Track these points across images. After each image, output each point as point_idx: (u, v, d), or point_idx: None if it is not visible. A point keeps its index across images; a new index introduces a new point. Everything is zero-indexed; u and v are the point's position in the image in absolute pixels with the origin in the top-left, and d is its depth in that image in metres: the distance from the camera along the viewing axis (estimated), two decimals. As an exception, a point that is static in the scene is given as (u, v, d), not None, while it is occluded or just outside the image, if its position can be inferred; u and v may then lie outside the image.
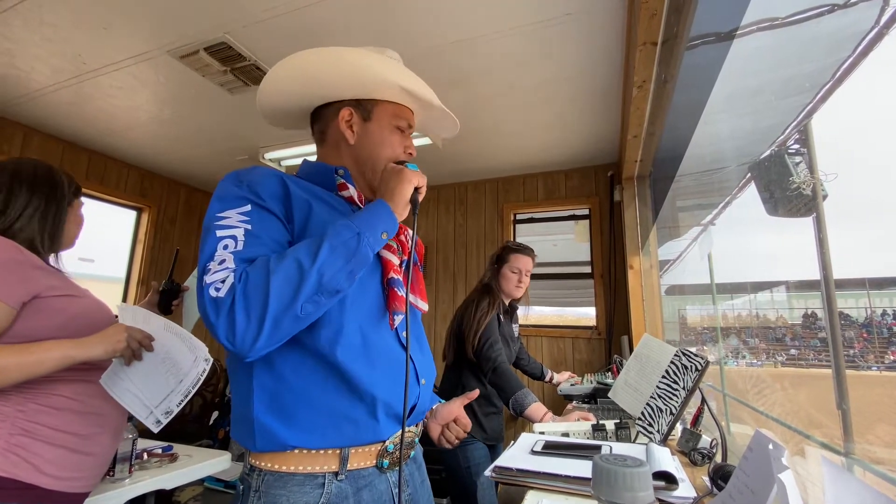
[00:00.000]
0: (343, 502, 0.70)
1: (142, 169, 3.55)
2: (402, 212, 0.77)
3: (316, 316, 0.67)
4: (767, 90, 1.50)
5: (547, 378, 2.32)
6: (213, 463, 1.57)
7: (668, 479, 0.79)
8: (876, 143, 1.00)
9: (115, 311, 1.15)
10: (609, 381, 2.06)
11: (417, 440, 0.86)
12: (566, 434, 1.26)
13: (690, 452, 1.06)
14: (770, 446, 0.60)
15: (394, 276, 0.79)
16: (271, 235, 0.70)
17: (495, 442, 1.82)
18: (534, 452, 0.99)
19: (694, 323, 3.22)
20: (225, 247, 0.66)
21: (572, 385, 2.19)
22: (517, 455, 0.98)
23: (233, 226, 0.68)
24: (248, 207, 0.70)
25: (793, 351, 2.43)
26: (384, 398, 0.74)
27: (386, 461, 0.75)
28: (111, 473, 1.28)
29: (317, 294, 0.64)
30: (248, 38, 1.90)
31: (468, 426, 0.92)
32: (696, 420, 1.19)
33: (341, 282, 0.67)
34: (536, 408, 1.52)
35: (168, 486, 1.40)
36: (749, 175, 1.54)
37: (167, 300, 1.31)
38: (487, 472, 0.91)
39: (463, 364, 1.77)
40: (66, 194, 1.14)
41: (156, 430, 1.05)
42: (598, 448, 1.01)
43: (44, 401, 0.99)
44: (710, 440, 1.09)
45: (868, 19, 0.98)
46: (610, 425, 1.26)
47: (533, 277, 1.95)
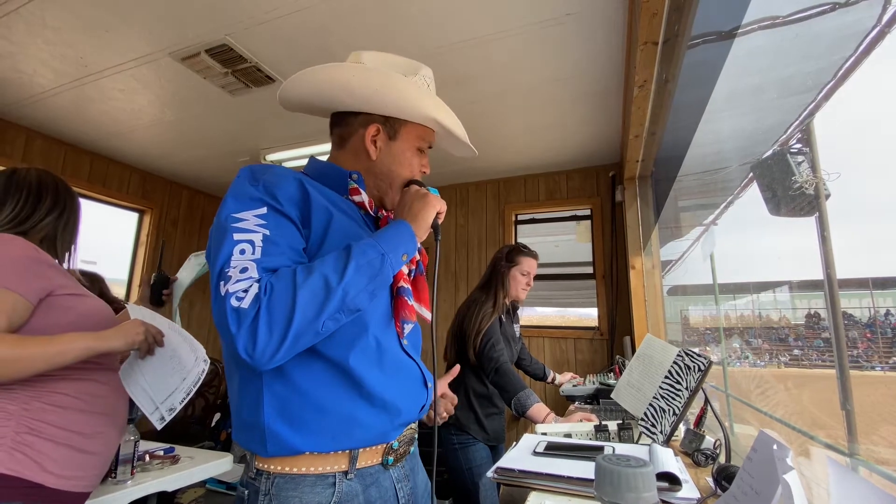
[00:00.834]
0: (353, 500, 0.71)
1: (144, 171, 3.56)
2: (423, 235, 0.78)
3: (331, 332, 0.66)
4: (769, 89, 1.50)
5: (549, 379, 2.32)
6: (215, 465, 1.57)
7: (672, 480, 0.79)
8: (879, 142, 1.00)
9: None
10: (611, 382, 2.05)
11: (416, 435, 0.88)
12: (568, 435, 1.26)
13: (694, 453, 1.06)
14: (774, 447, 0.59)
15: (403, 286, 0.79)
16: (289, 242, 0.68)
17: (496, 443, 1.81)
18: (536, 453, 0.99)
19: (696, 323, 3.22)
20: (242, 251, 0.64)
21: (574, 386, 2.19)
22: (519, 456, 0.97)
23: (250, 230, 0.66)
24: (265, 210, 0.68)
25: (796, 351, 2.42)
26: (395, 403, 0.75)
27: (391, 458, 0.77)
28: (113, 475, 1.28)
29: (339, 312, 0.64)
30: (250, 40, 1.91)
31: (454, 400, 0.97)
32: (700, 421, 1.18)
33: (363, 301, 0.67)
34: (539, 408, 1.51)
35: (170, 488, 1.40)
36: (751, 175, 1.53)
37: (158, 290, 1.35)
38: (489, 474, 0.90)
39: (465, 365, 1.77)
40: (78, 206, 1.22)
41: (159, 427, 1.06)
42: (601, 449, 1.01)
43: (49, 399, 1.00)
44: (714, 441, 1.08)
45: (869, 18, 0.98)
46: (612, 426, 1.25)
47: (535, 278, 1.95)
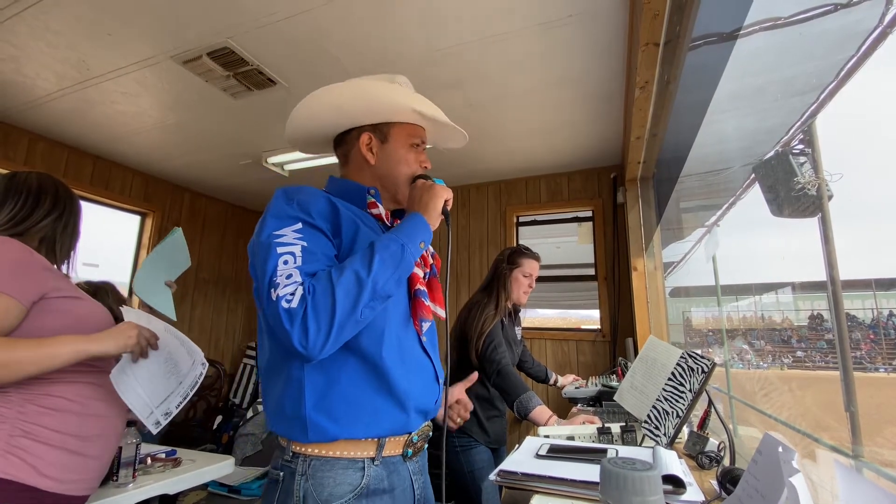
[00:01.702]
0: (380, 483, 0.80)
1: (146, 174, 3.57)
2: (436, 222, 0.88)
3: (370, 319, 0.77)
4: (771, 90, 1.50)
5: (551, 381, 2.31)
6: (217, 467, 1.56)
7: (676, 483, 0.78)
8: (881, 143, 0.99)
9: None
10: (614, 384, 2.04)
11: (430, 434, 0.96)
12: (571, 437, 1.25)
13: (698, 456, 1.05)
14: (780, 449, 0.59)
15: (420, 288, 0.89)
16: (323, 251, 0.78)
17: (498, 445, 1.80)
18: (539, 456, 0.98)
19: (699, 325, 3.20)
20: (286, 262, 0.73)
21: (577, 388, 2.18)
22: (522, 459, 0.97)
23: (290, 243, 0.76)
24: (300, 225, 0.78)
25: (799, 353, 2.40)
26: (415, 395, 0.85)
27: (410, 451, 0.86)
28: (115, 478, 1.28)
29: (372, 300, 0.74)
30: (251, 43, 1.91)
31: (469, 406, 1.03)
32: (703, 423, 1.18)
33: (392, 287, 0.77)
34: (541, 411, 1.50)
35: (172, 491, 1.40)
36: (753, 176, 1.53)
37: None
38: (492, 477, 0.90)
39: (467, 367, 1.76)
40: (79, 210, 1.22)
41: (154, 432, 1.06)
42: (604, 451, 1.00)
43: (44, 402, 0.99)
44: (718, 443, 1.07)
45: (872, 18, 0.97)
46: (615, 428, 1.24)
47: (536, 280, 1.95)
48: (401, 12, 1.71)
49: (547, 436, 1.26)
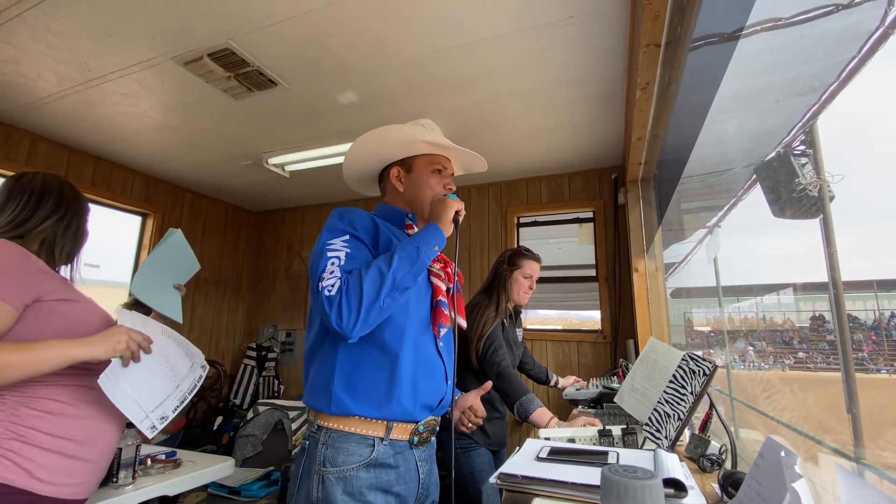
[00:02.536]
0: (386, 459, 0.95)
1: (147, 175, 3.57)
2: (448, 229, 1.04)
3: (392, 308, 0.93)
4: (772, 91, 1.49)
5: (552, 382, 2.30)
6: (217, 469, 1.56)
7: (678, 487, 0.78)
8: (883, 143, 0.99)
9: (115, 316, 1.15)
10: (615, 386, 2.04)
11: (437, 429, 1.08)
12: (572, 440, 1.25)
13: (699, 459, 1.05)
14: (782, 453, 0.58)
15: (441, 299, 1.06)
16: (363, 256, 0.98)
17: (498, 447, 1.80)
18: (539, 459, 0.98)
19: (700, 326, 3.20)
20: (332, 263, 0.93)
21: (578, 390, 2.17)
22: (523, 462, 0.96)
23: (338, 249, 0.96)
24: (347, 237, 0.99)
25: (801, 354, 2.39)
26: (422, 390, 1.00)
27: (416, 438, 1.00)
28: (115, 479, 1.28)
29: (393, 290, 0.91)
30: (252, 45, 1.91)
31: (481, 413, 1.13)
32: (705, 425, 1.17)
33: (409, 281, 0.94)
34: (541, 413, 1.50)
35: (172, 493, 1.39)
36: (754, 176, 1.52)
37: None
38: (492, 480, 0.89)
39: (467, 369, 1.76)
40: (85, 211, 1.21)
41: (150, 436, 1.05)
42: (605, 454, 1.00)
43: (38, 405, 0.99)
44: (720, 446, 1.07)
45: (873, 19, 0.97)
46: (616, 431, 1.24)
47: (537, 281, 1.94)
48: (402, 14, 1.70)
49: (548, 438, 1.25)
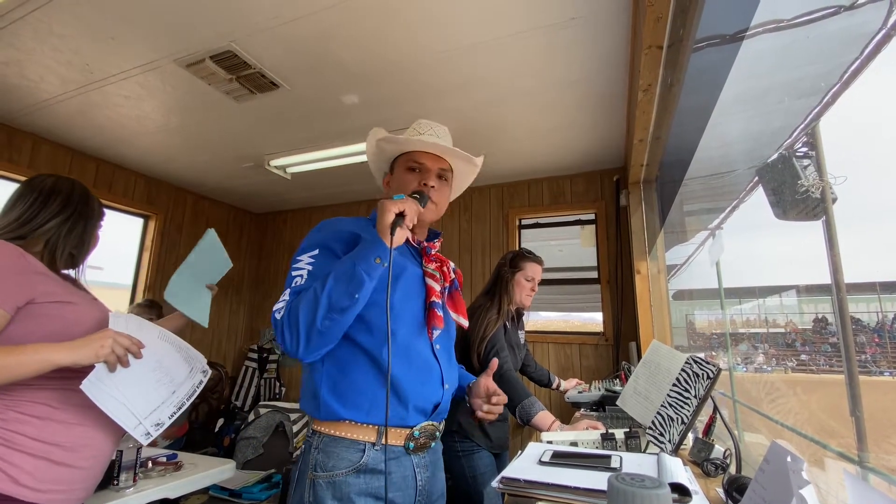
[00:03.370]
0: (378, 465, 0.92)
1: (149, 176, 3.58)
2: (386, 235, 0.89)
3: (337, 329, 0.89)
4: (775, 92, 1.49)
5: (554, 385, 2.30)
6: (218, 471, 1.56)
7: (682, 492, 0.77)
8: (885, 145, 0.98)
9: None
10: (617, 389, 2.03)
11: (438, 434, 1.03)
12: (574, 443, 1.24)
13: (703, 463, 1.04)
14: (788, 459, 0.58)
15: (435, 300, 1.01)
16: (328, 270, 0.91)
17: (500, 450, 1.79)
18: (542, 463, 0.97)
19: (702, 328, 3.18)
20: (294, 283, 0.92)
21: (580, 392, 2.16)
22: (525, 466, 0.96)
23: (300, 268, 0.95)
24: (317, 251, 0.96)
25: (803, 356, 2.39)
26: (414, 393, 0.95)
27: (412, 444, 0.96)
28: (116, 482, 1.27)
29: (330, 313, 0.86)
30: (254, 46, 1.91)
31: (504, 399, 1.07)
32: (709, 429, 1.17)
33: (345, 301, 0.87)
34: (544, 416, 1.49)
35: (173, 495, 1.39)
36: (757, 178, 1.52)
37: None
38: (494, 484, 0.89)
39: (468, 370, 1.75)
40: (95, 216, 1.18)
41: (145, 443, 1.03)
42: (609, 458, 0.99)
43: (25, 409, 0.96)
44: (724, 450, 1.06)
45: (875, 21, 0.97)
46: (619, 434, 1.23)
47: (539, 283, 1.94)
48: (404, 16, 1.71)
49: (550, 441, 1.25)
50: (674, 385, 1.21)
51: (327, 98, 2.32)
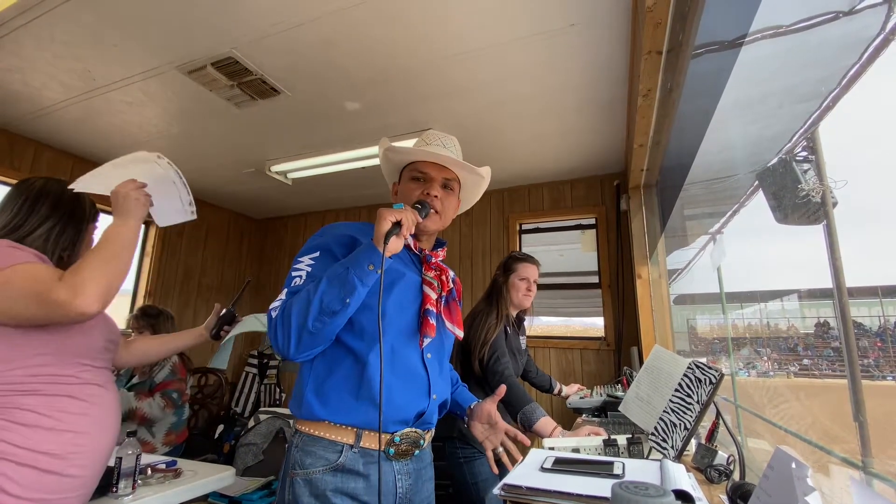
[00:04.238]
0: (354, 466, 0.92)
1: (150, 182, 3.58)
2: (380, 244, 0.89)
3: (327, 331, 0.89)
4: (774, 97, 1.49)
5: (556, 391, 2.28)
6: (218, 478, 1.55)
7: (685, 499, 0.76)
8: (885, 149, 0.99)
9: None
10: (619, 394, 2.02)
11: (425, 443, 1.02)
12: (577, 450, 1.23)
13: (706, 469, 1.03)
14: (792, 465, 0.57)
15: (429, 308, 1.01)
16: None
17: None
18: (544, 469, 0.97)
19: (704, 333, 3.17)
20: (294, 283, 0.94)
21: (581, 398, 2.15)
22: (527, 472, 0.95)
23: (300, 269, 0.96)
24: (318, 253, 0.98)
25: (805, 361, 2.37)
26: (397, 400, 0.95)
27: (392, 450, 0.95)
28: (114, 489, 1.26)
29: (321, 315, 0.87)
30: (255, 53, 1.92)
31: (503, 429, 1.10)
32: (711, 435, 1.16)
33: (336, 305, 0.88)
34: (545, 422, 1.48)
35: (172, 503, 1.38)
36: (757, 183, 1.52)
37: (221, 324, 1.43)
38: (496, 491, 0.88)
39: (470, 378, 1.74)
40: (86, 219, 1.17)
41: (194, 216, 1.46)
42: (611, 465, 0.98)
43: (13, 416, 0.93)
44: (727, 456, 1.05)
45: (874, 26, 0.97)
46: (622, 440, 1.22)
47: (540, 287, 1.94)
48: (405, 22, 1.72)
49: (552, 448, 1.24)
50: (676, 390, 1.20)
51: (328, 104, 2.33)
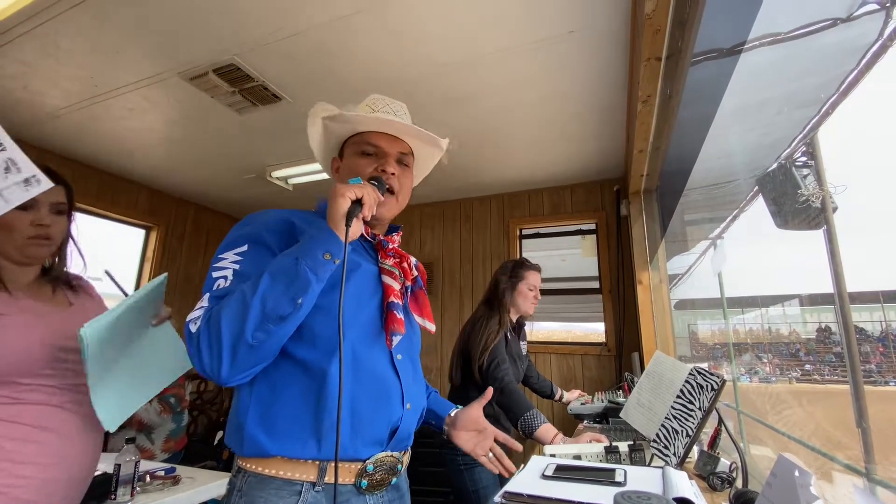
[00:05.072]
0: None
1: (151, 188, 3.59)
2: (339, 227, 0.73)
3: (273, 343, 0.69)
4: (773, 104, 1.50)
5: (556, 396, 2.28)
6: (217, 485, 1.54)
7: (688, 506, 0.76)
8: (884, 154, 0.99)
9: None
10: (620, 400, 2.01)
11: (402, 468, 0.85)
12: (578, 457, 1.22)
13: (709, 476, 1.02)
14: (796, 472, 0.57)
15: (394, 301, 0.83)
16: (261, 269, 0.72)
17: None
18: (545, 477, 0.96)
19: (705, 338, 3.17)
20: (217, 287, 0.73)
21: (583, 404, 2.14)
22: (528, 480, 0.94)
23: (224, 268, 0.75)
24: (245, 247, 0.77)
25: (807, 366, 2.37)
26: (365, 418, 0.77)
27: (364, 482, 0.76)
28: (113, 496, 1.26)
29: (264, 323, 0.67)
30: (256, 60, 1.93)
31: (517, 446, 1.00)
32: (714, 442, 1.15)
33: (285, 307, 0.68)
34: (546, 429, 1.48)
35: (171, 511, 1.37)
36: (757, 188, 1.52)
37: None
38: (497, 499, 0.87)
39: (470, 384, 1.74)
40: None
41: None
42: (613, 472, 0.98)
43: None
44: (730, 463, 1.05)
45: (871, 32, 0.98)
46: (623, 447, 1.22)
47: (541, 292, 1.94)
48: (404, 29, 1.73)
49: (553, 455, 1.23)
50: (678, 396, 1.20)
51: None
